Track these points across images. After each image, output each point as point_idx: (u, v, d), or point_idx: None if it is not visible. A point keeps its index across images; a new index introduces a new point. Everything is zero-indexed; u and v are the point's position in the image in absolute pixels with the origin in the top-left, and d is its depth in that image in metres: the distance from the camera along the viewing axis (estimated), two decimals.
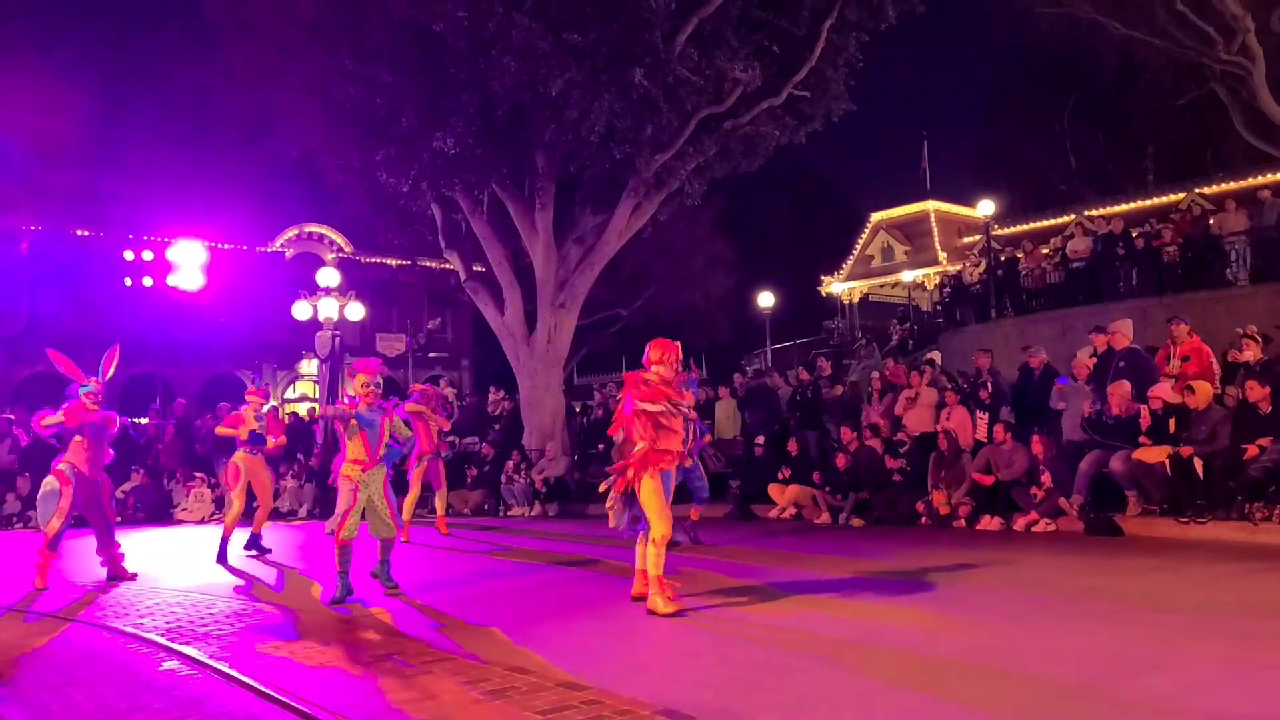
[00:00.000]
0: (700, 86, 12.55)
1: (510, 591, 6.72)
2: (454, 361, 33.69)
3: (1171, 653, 4.05)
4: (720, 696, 3.58)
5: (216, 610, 6.08)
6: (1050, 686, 3.57)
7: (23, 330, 25.37)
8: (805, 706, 3.47)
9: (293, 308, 17.00)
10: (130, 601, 6.56)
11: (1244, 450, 7.63)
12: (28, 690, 4.11)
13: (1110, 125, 30.59)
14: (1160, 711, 3.23)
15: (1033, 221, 27.14)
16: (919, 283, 30.86)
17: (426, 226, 16.14)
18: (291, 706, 3.67)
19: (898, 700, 3.49)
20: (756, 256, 33.08)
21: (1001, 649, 4.24)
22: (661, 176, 13.85)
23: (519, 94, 12.25)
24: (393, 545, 6.60)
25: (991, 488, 9.14)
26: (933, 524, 9.37)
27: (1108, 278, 16.21)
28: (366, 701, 3.71)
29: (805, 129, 14.08)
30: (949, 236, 31.21)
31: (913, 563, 6.93)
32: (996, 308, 18.02)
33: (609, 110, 12.14)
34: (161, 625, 5.60)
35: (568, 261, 14.91)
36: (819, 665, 4.11)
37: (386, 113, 12.83)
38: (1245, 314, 10.89)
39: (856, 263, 33.38)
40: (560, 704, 3.55)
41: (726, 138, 13.64)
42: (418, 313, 32.54)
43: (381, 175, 13.61)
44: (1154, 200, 24.08)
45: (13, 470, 14.31)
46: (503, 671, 4.09)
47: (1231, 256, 15.16)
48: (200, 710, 3.76)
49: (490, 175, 13.72)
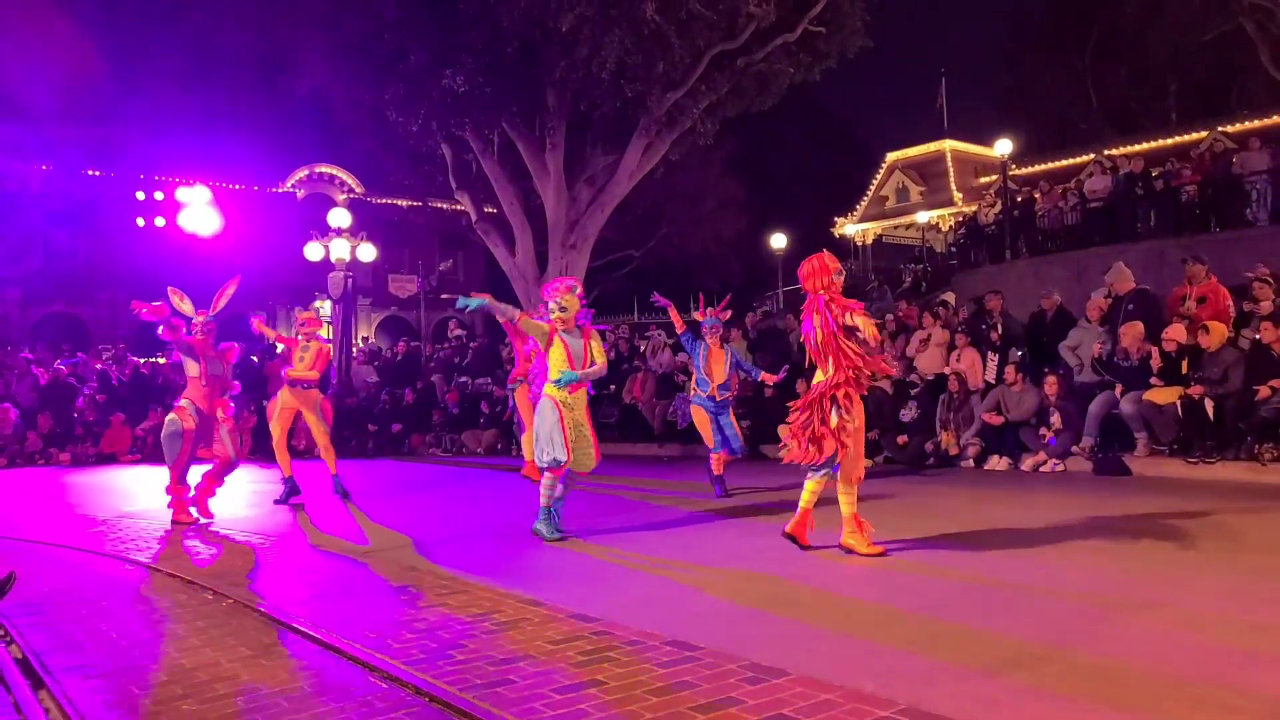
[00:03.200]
0: (713, 21, 12.27)
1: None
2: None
3: (1172, 586, 4.11)
4: (729, 628, 3.68)
5: (234, 545, 6.23)
6: (1054, 618, 3.64)
7: (37, 270, 25.52)
8: (811, 637, 3.55)
9: (305, 248, 17.02)
10: (152, 536, 6.73)
11: (1255, 392, 7.64)
12: (55, 620, 4.25)
13: (1133, 62, 29.79)
14: (1157, 645, 3.30)
15: (1051, 161, 26.62)
16: (934, 224, 30.44)
17: (437, 167, 16.02)
18: (310, 636, 3.80)
19: (897, 634, 3.57)
20: (769, 197, 32.72)
21: (1003, 580, 4.31)
22: (673, 115, 13.65)
23: (528, 30, 12.02)
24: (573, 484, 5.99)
25: (1000, 428, 9.18)
26: (940, 464, 9.44)
27: (1125, 218, 15.98)
28: (381, 629, 3.83)
29: (820, 66, 13.79)
30: (965, 177, 30.67)
31: (918, 500, 7.01)
32: (1011, 249, 17.83)
33: (620, 46, 11.91)
34: (182, 558, 5.76)
35: (579, 202, 14.80)
36: (824, 600, 4.20)
37: (395, 49, 12.63)
38: (1264, 255, 10.74)
39: (871, 204, 32.92)
40: (571, 634, 3.66)
41: (740, 75, 13.38)
42: (429, 254, 32.41)
43: (391, 114, 13.48)
44: (1176, 139, 23.53)
45: (33, 408, 14.56)
46: (516, 603, 4.21)
47: (1253, 196, 14.89)
48: (221, 640, 3.88)
49: (500, 114, 13.56)
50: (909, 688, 2.94)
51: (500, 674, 3.23)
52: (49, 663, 3.53)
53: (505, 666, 3.31)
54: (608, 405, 13.97)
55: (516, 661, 3.37)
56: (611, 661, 3.32)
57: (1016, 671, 3.09)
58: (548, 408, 5.71)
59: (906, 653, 3.33)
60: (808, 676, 3.06)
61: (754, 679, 3.07)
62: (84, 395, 15.08)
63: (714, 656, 3.31)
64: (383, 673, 3.30)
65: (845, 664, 3.18)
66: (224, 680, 3.31)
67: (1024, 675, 3.05)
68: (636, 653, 3.40)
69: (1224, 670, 3.02)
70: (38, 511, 8.44)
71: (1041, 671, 3.08)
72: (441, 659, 3.42)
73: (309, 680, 3.31)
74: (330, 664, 3.48)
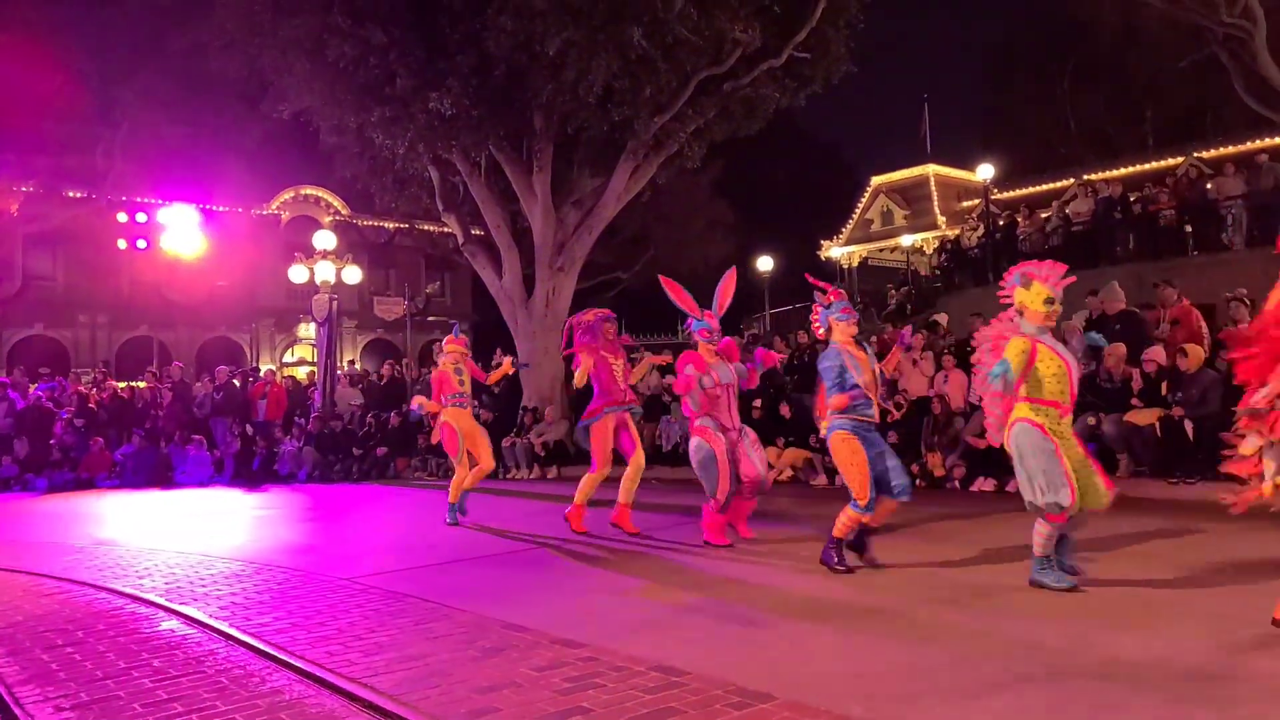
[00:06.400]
0: (700, 47, 12.38)
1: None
2: (452, 326, 33.62)
3: (1154, 608, 4.11)
4: (714, 655, 3.64)
5: (215, 571, 6.14)
6: (1038, 641, 3.63)
7: (15, 293, 25.27)
8: (797, 661, 3.53)
9: (289, 271, 16.95)
10: (129, 564, 6.62)
11: (1233, 413, 7.71)
12: (27, 650, 4.16)
13: (1111, 88, 30.33)
14: (1138, 665, 3.29)
15: (1032, 185, 26.95)
16: (918, 247, 30.72)
17: (424, 189, 16.02)
18: (289, 664, 3.73)
19: (884, 655, 3.55)
20: (756, 220, 32.92)
21: (988, 604, 4.30)
22: (660, 138, 13.73)
23: (516, 54, 12.08)
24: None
25: (985, 450, 9.20)
26: (927, 485, 9.46)
27: (1104, 242, 16.18)
28: (365, 659, 3.77)
29: (805, 91, 13.93)
30: (948, 200, 31.03)
31: (901, 521, 7.00)
32: (994, 271, 17.99)
33: (607, 70, 11.98)
34: (161, 586, 5.66)
35: (566, 224, 14.83)
36: (809, 624, 4.17)
37: (381, 73, 12.66)
38: (1240, 279, 10.87)
39: (856, 227, 33.21)
40: (556, 661, 3.61)
41: (726, 99, 13.50)
42: (415, 276, 32.40)
43: (377, 137, 13.48)
44: (1153, 164, 23.87)
45: (9, 434, 14.35)
46: (500, 629, 4.15)
47: (1228, 221, 15.13)
48: (199, 669, 3.81)
49: (487, 137, 13.59)
50: (895, 711, 2.92)
51: (485, 702, 3.19)
52: (19, 694, 3.45)
53: (489, 694, 3.26)
54: None
55: (500, 689, 3.32)
56: (597, 688, 3.28)
57: (1002, 694, 3.08)
58: (1034, 438, 4.49)
59: (892, 676, 3.31)
60: (794, 701, 3.03)
61: (740, 704, 3.04)
62: (62, 420, 14.89)
63: (700, 682, 3.28)
64: (364, 702, 3.25)
65: (831, 688, 3.16)
66: (198, 712, 3.24)
67: (1010, 698, 3.04)
68: (623, 679, 3.36)
69: (1215, 692, 3.01)
70: (12, 538, 8.30)
71: (1027, 694, 3.07)
72: (426, 686, 3.37)
73: (288, 711, 3.25)
74: (311, 693, 3.42)
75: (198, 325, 27.29)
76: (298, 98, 13.83)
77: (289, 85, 13.74)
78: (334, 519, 9.12)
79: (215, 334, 28.56)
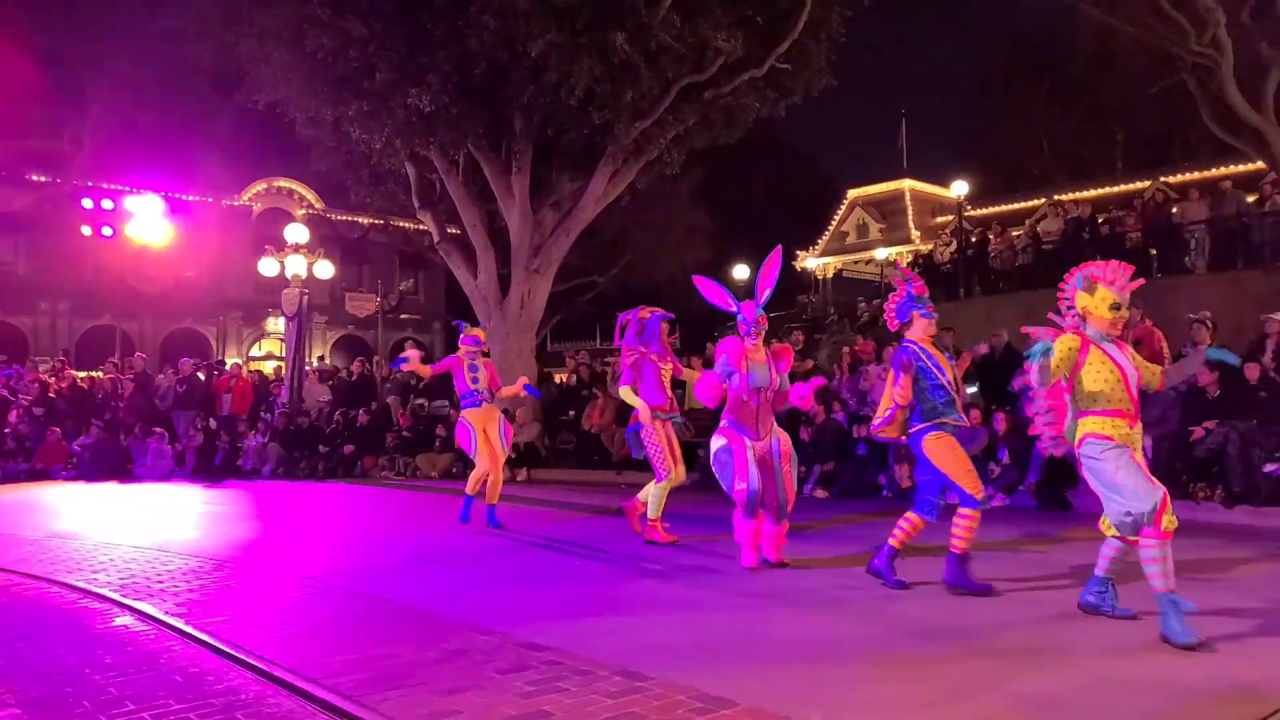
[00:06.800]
0: (682, 54, 12.42)
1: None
2: (426, 324, 33.37)
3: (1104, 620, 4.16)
4: (679, 659, 3.63)
5: (173, 567, 6.02)
6: (996, 650, 3.66)
7: None
8: (760, 668, 3.52)
9: (259, 263, 16.71)
10: (83, 558, 6.48)
11: (1191, 433, 7.93)
12: None
13: (1084, 111, 30.93)
14: (1093, 674, 3.33)
15: (1004, 203, 27.39)
16: (892, 260, 31.06)
17: (400, 185, 15.88)
18: (246, 663, 3.66)
19: (852, 649, 3.56)
20: (733, 228, 33.05)
21: (947, 613, 4.33)
22: (640, 144, 13.74)
23: (497, 53, 12.03)
24: None
25: None
26: (894, 496, 9.53)
27: (1073, 261, 16.42)
28: (324, 659, 3.71)
29: (785, 101, 14.03)
30: (923, 215, 31.41)
31: (867, 532, 7.04)
32: (965, 288, 18.24)
33: (589, 74, 11.97)
34: (115, 582, 5.54)
35: (543, 227, 14.78)
36: (772, 631, 4.17)
37: (360, 66, 12.53)
38: (1203, 301, 11.11)
39: (832, 238, 33.49)
40: (520, 664, 3.58)
41: (707, 107, 13.55)
42: (389, 273, 32.14)
43: (354, 130, 13.34)
44: (1122, 187, 24.39)
45: None
46: (464, 632, 4.11)
47: (1191, 245, 15.47)
48: (154, 666, 3.73)
49: (466, 135, 13.51)
50: (855, 719, 2.92)
51: (446, 705, 3.15)
52: None
53: (450, 697, 3.23)
54: (565, 432, 13.87)
55: (463, 691, 3.28)
56: (560, 692, 3.26)
57: (960, 704, 3.10)
58: (1113, 454, 4.03)
59: (853, 684, 3.33)
60: (756, 707, 3.03)
61: (703, 709, 3.03)
62: (18, 408, 14.54)
63: (663, 687, 3.26)
64: (322, 702, 3.20)
65: (793, 695, 3.16)
66: (152, 710, 3.17)
67: (967, 707, 3.06)
68: (586, 683, 3.34)
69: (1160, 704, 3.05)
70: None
71: (983, 703, 3.09)
72: (386, 688, 3.32)
73: (244, 710, 3.19)
74: (269, 693, 3.36)
75: (163, 316, 26.81)
76: (274, 88, 13.65)
77: (265, 75, 13.56)
78: (297, 517, 8.99)
79: (181, 325, 28.09)
